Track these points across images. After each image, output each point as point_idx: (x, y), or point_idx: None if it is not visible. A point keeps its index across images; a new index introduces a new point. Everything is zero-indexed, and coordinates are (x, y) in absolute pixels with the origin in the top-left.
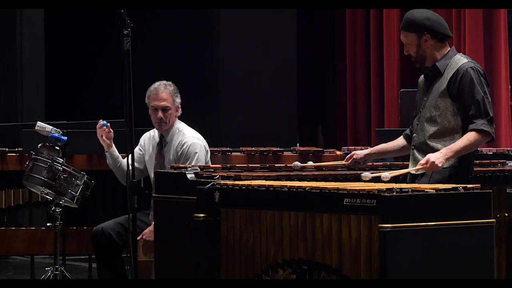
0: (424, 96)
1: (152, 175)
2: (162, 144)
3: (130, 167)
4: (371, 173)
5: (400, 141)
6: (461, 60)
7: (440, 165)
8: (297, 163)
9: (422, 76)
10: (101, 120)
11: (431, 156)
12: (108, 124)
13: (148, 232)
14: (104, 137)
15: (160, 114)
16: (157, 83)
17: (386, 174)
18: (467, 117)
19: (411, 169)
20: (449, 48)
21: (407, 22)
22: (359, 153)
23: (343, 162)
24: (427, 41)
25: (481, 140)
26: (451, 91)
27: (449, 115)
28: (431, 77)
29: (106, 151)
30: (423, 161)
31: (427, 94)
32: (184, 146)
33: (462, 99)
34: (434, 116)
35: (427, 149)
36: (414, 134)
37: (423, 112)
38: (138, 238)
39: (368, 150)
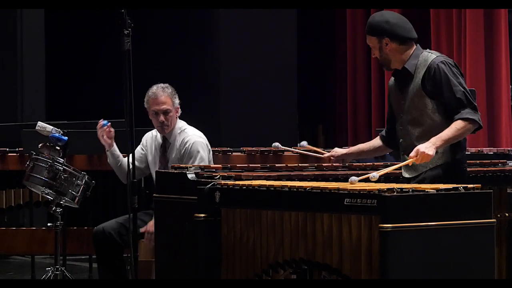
0: (400, 100)
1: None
2: (166, 146)
3: (131, 167)
4: (358, 176)
5: (376, 141)
6: (429, 56)
7: (430, 153)
8: (277, 144)
9: (392, 79)
10: (101, 120)
11: (421, 147)
12: (109, 123)
13: (152, 225)
14: (105, 136)
15: (161, 118)
16: (154, 87)
17: (374, 174)
18: (450, 110)
19: (402, 163)
20: (414, 47)
21: (368, 25)
22: (338, 151)
23: (324, 155)
24: (388, 44)
25: (468, 128)
26: (426, 89)
27: (430, 113)
28: (403, 80)
29: (107, 150)
30: (412, 153)
31: (403, 98)
32: (187, 145)
33: (440, 95)
34: (416, 117)
35: None
36: (401, 140)
37: (404, 116)
38: (142, 230)
39: (346, 150)
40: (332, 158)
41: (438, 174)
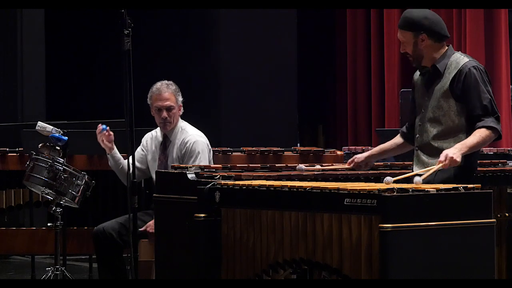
0: (425, 96)
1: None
2: (166, 144)
3: (131, 167)
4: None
5: (398, 139)
6: (461, 59)
7: (459, 160)
8: (302, 166)
9: (418, 73)
10: (100, 124)
11: (449, 152)
12: (108, 127)
13: (152, 224)
14: (105, 141)
15: (164, 114)
16: (158, 83)
17: (418, 179)
18: (473, 116)
19: (434, 168)
20: (446, 48)
21: (405, 20)
22: (360, 156)
23: (346, 165)
24: (424, 41)
25: (491, 137)
26: (454, 91)
27: (452, 115)
28: (431, 78)
29: (108, 154)
30: (442, 157)
31: (428, 95)
32: (188, 144)
33: (467, 99)
34: (438, 117)
35: (431, 150)
36: (417, 135)
37: (425, 113)
38: (141, 229)
39: (368, 153)
40: (357, 164)
41: (449, 176)
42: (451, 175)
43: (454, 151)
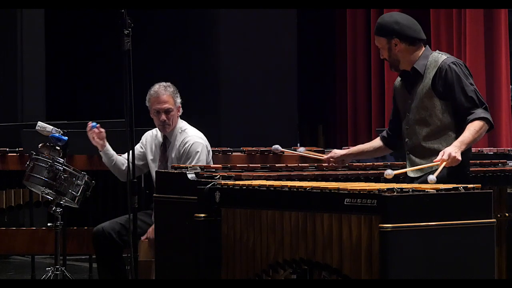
0: (407, 100)
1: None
2: (166, 145)
3: (131, 167)
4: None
5: (376, 142)
6: (439, 57)
7: (459, 158)
8: (277, 146)
9: (398, 79)
10: (89, 122)
11: (451, 151)
12: (98, 124)
13: (151, 231)
14: (96, 138)
15: (163, 116)
16: (156, 86)
17: (432, 177)
18: (462, 110)
19: (433, 164)
20: (423, 49)
21: (377, 26)
22: (337, 152)
23: (324, 157)
24: (397, 45)
25: (485, 128)
26: (437, 89)
27: (438, 113)
28: (412, 80)
29: (100, 151)
30: (445, 156)
31: (411, 97)
32: (186, 145)
33: (452, 95)
34: (424, 117)
35: (423, 151)
36: (406, 139)
37: (411, 115)
38: (143, 238)
39: (345, 151)
40: (331, 159)
41: (442, 176)
42: (444, 174)
43: (455, 150)
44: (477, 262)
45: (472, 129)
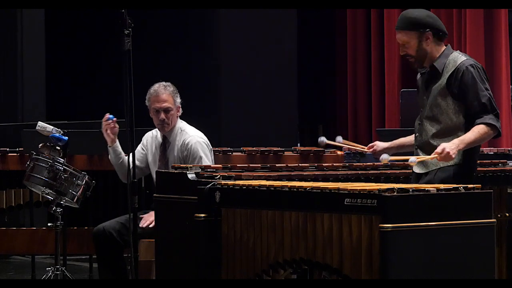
0: (423, 96)
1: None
2: (165, 145)
3: (131, 167)
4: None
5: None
6: (459, 58)
7: (453, 156)
8: (323, 139)
9: (419, 75)
10: (107, 114)
11: (446, 146)
12: (115, 118)
13: (147, 217)
14: (108, 131)
15: (162, 115)
16: (156, 85)
17: (413, 159)
18: (472, 114)
19: (427, 157)
20: (444, 47)
21: (408, 20)
22: (379, 144)
23: (365, 149)
24: (429, 39)
25: (489, 134)
26: (451, 89)
27: (450, 113)
28: (429, 77)
29: (109, 146)
30: (439, 149)
31: (427, 94)
32: (189, 146)
33: (465, 97)
34: (436, 115)
35: (430, 148)
36: (417, 134)
37: (424, 112)
38: (140, 224)
39: (388, 144)
40: (375, 151)
41: (448, 176)
42: (450, 174)
43: (452, 147)
44: (477, 262)
45: (476, 131)
